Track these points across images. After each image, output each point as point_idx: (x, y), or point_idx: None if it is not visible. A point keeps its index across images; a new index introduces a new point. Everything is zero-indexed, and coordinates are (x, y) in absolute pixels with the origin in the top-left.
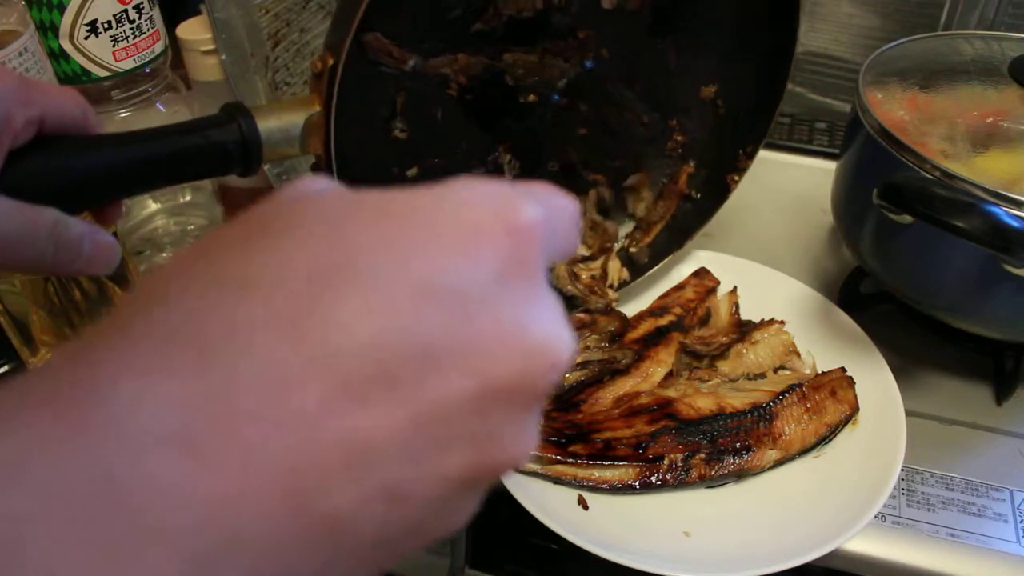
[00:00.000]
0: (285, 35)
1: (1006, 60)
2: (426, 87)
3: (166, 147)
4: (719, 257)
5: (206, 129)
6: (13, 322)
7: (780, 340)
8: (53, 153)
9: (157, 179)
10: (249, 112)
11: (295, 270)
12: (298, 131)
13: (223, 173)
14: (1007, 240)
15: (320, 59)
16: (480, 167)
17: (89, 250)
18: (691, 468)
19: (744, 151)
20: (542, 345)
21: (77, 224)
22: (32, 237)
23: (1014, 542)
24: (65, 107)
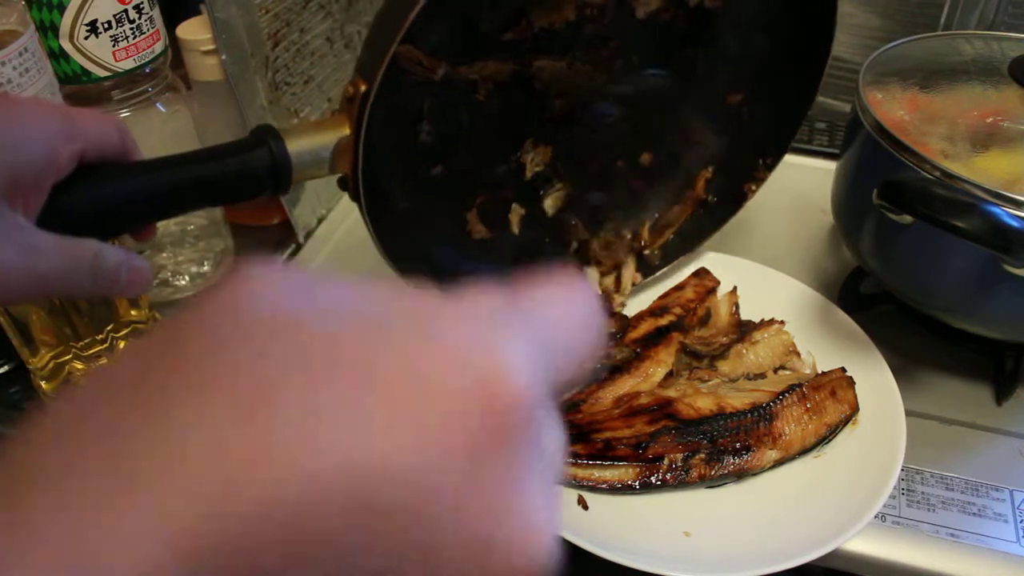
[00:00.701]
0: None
1: (1006, 60)
2: (454, 93)
3: (199, 173)
4: (719, 257)
5: (238, 154)
6: (13, 322)
7: (780, 340)
8: (93, 185)
9: (191, 204)
10: (279, 135)
11: (200, 444)
12: (328, 153)
13: (255, 196)
14: (1007, 240)
15: (352, 84)
16: (503, 165)
17: (125, 277)
18: (691, 468)
19: (764, 161)
20: (521, 547)
21: (114, 253)
22: (74, 273)
23: (1014, 542)
24: (107, 137)
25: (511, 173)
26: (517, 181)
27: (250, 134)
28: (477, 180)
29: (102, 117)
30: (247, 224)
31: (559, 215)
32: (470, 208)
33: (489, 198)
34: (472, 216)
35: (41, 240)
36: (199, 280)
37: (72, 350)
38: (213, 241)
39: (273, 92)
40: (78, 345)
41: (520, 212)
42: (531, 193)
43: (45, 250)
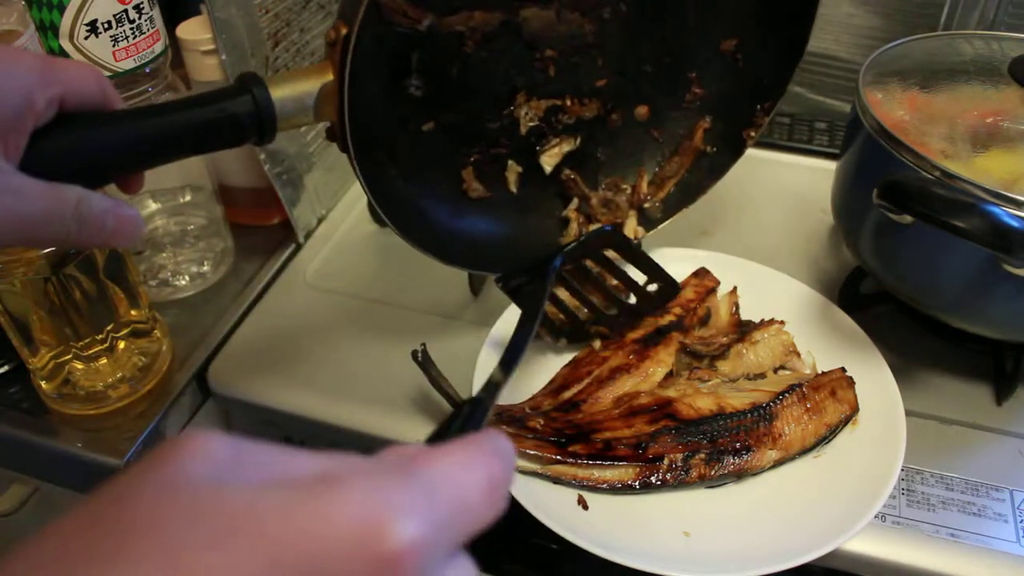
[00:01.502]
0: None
1: (1006, 60)
2: (442, 45)
3: (182, 120)
4: (719, 257)
5: (220, 101)
6: (13, 322)
7: (780, 340)
8: (74, 131)
9: (174, 152)
10: (263, 82)
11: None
12: (312, 100)
13: (239, 143)
14: (1007, 240)
15: (334, 28)
16: (495, 121)
17: (112, 224)
18: (691, 468)
19: (762, 107)
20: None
21: (100, 200)
22: (58, 216)
23: (1014, 542)
24: (85, 84)
25: (505, 128)
26: (512, 137)
27: (234, 80)
28: (470, 136)
29: (81, 65)
30: (247, 224)
31: (556, 171)
32: (465, 166)
33: (484, 155)
34: (468, 174)
35: (23, 182)
36: (199, 280)
37: (72, 350)
38: (213, 241)
39: None
40: (78, 345)
41: (517, 170)
42: (527, 149)
43: (27, 191)
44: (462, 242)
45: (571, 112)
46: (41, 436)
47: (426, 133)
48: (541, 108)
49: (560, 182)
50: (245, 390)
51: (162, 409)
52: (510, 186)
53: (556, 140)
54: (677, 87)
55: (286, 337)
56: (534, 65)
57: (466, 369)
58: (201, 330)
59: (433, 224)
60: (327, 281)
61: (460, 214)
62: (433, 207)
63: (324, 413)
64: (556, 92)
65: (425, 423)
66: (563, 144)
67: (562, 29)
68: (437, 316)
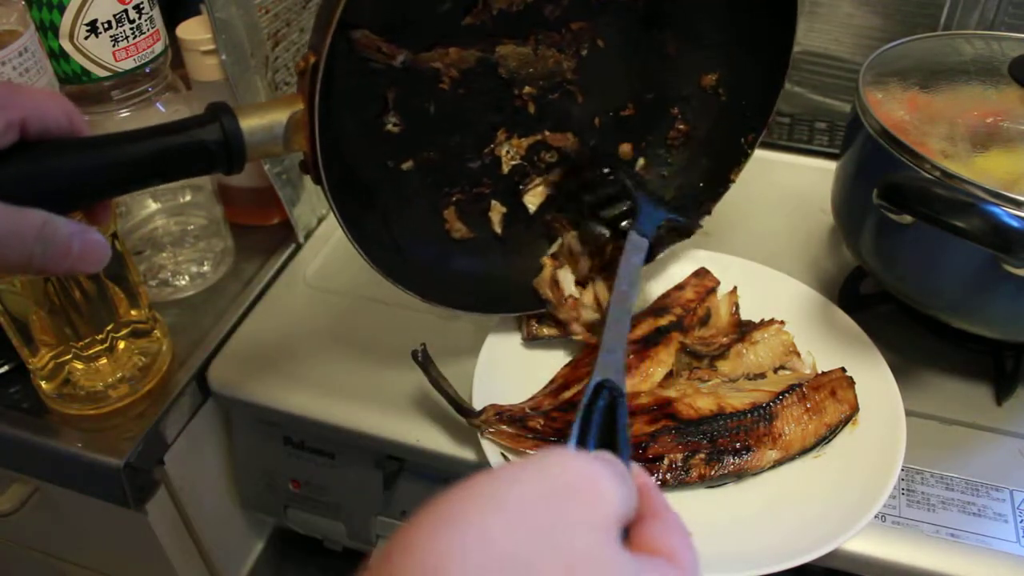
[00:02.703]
0: (285, 35)
1: (1006, 60)
2: (418, 81)
3: (148, 148)
4: (719, 257)
5: (188, 129)
6: (13, 322)
7: (780, 340)
8: (36, 157)
9: (141, 180)
10: (231, 111)
11: None
12: (282, 129)
13: (207, 172)
14: (1007, 240)
15: (304, 58)
16: (476, 160)
17: (79, 249)
18: (691, 468)
19: (745, 140)
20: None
21: (66, 224)
22: (19, 238)
23: (1014, 542)
24: (47, 111)
25: (486, 168)
26: (494, 176)
27: (205, 109)
28: (451, 175)
29: (46, 92)
30: (247, 224)
31: (541, 212)
32: (447, 205)
33: (466, 195)
34: (450, 214)
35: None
36: (199, 280)
37: (72, 350)
38: (213, 241)
39: (273, 92)
40: (78, 345)
41: (501, 210)
42: (511, 189)
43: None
44: (444, 282)
45: (550, 142)
46: (41, 436)
47: (406, 172)
48: (523, 147)
49: (545, 222)
50: (245, 390)
51: (162, 409)
52: (494, 226)
53: (539, 179)
54: (660, 124)
55: (286, 337)
56: (513, 103)
57: (466, 369)
58: (201, 330)
59: (414, 263)
60: (327, 281)
61: (443, 255)
62: (415, 247)
63: (324, 413)
64: (536, 129)
65: (425, 423)
66: (546, 183)
67: (540, 66)
68: (437, 316)
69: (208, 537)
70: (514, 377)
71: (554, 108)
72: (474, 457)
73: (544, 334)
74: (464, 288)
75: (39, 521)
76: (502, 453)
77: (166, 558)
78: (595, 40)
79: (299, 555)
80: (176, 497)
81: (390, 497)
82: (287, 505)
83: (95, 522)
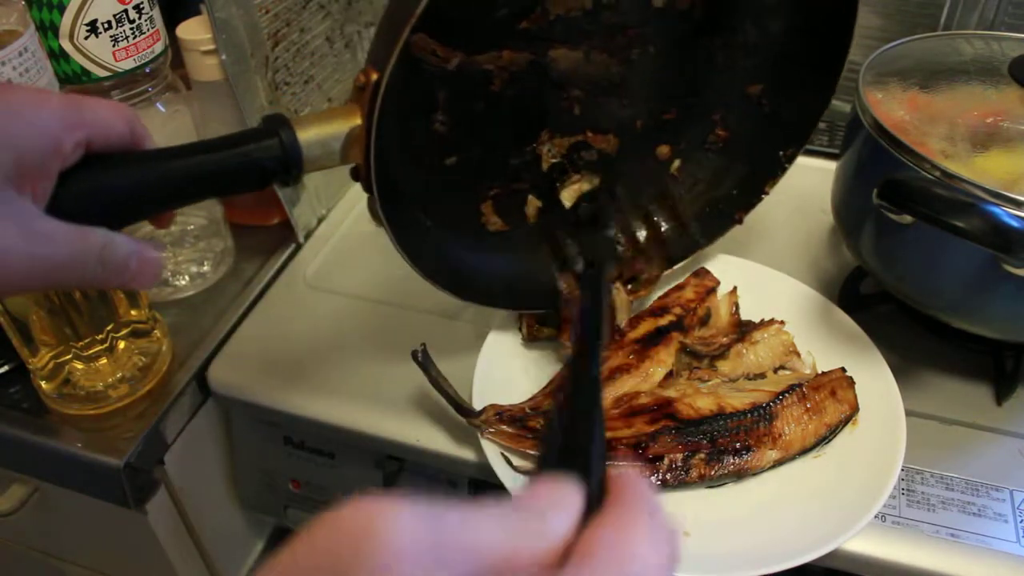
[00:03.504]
0: (285, 35)
1: (1006, 60)
2: (469, 83)
3: (208, 164)
4: (719, 257)
5: (247, 144)
6: (13, 322)
7: (780, 340)
8: (100, 173)
9: (200, 193)
10: (289, 124)
11: None
12: (339, 144)
13: (264, 186)
14: (1007, 240)
15: (364, 72)
16: (518, 158)
17: (135, 268)
18: (691, 468)
19: (784, 153)
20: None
21: (124, 243)
22: (82, 261)
23: (1014, 542)
24: (112, 125)
25: (526, 164)
26: (533, 172)
27: (261, 122)
28: (492, 171)
29: (109, 105)
30: (247, 224)
31: (576, 208)
32: (484, 200)
33: (504, 190)
34: (487, 207)
35: (50, 227)
36: (199, 280)
37: (72, 350)
38: (213, 241)
39: (273, 92)
40: (78, 345)
41: (536, 204)
42: (547, 184)
43: (54, 236)
44: (476, 277)
45: (592, 143)
46: (41, 436)
47: (448, 167)
48: (564, 145)
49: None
50: (245, 390)
51: (162, 409)
52: (529, 220)
53: (577, 176)
54: (700, 128)
55: (286, 337)
56: (560, 104)
57: (466, 369)
58: (201, 330)
59: (449, 258)
60: (327, 281)
61: (477, 248)
62: (451, 239)
63: (324, 413)
64: (579, 129)
65: (425, 423)
66: (583, 181)
67: (589, 70)
68: (437, 316)
69: (208, 537)
70: (514, 377)
71: (598, 110)
72: (474, 457)
73: (544, 334)
74: (497, 283)
75: (39, 521)
76: (502, 453)
77: (166, 558)
78: (647, 46)
79: None
80: (176, 497)
81: None
82: (287, 505)
83: (95, 522)
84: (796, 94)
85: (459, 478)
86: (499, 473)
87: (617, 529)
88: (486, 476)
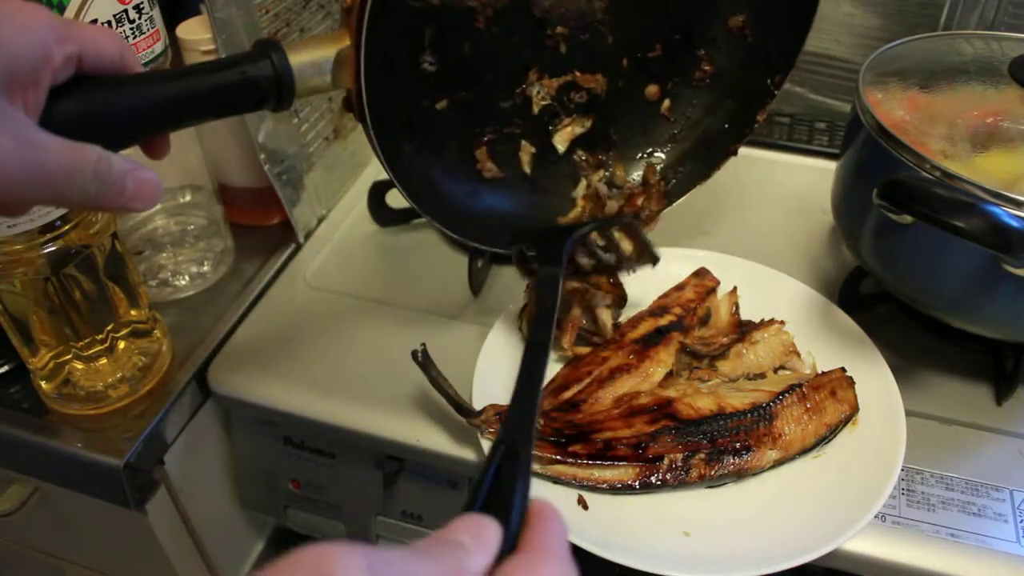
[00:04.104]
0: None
1: (1006, 60)
2: (454, 20)
3: (202, 84)
4: (719, 257)
5: (240, 65)
6: (13, 322)
7: (780, 340)
8: (92, 92)
9: (195, 115)
10: (281, 47)
11: None
12: (330, 65)
13: (257, 108)
14: (1007, 240)
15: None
16: (507, 100)
17: (132, 187)
18: (691, 468)
19: (772, 81)
20: None
21: (120, 161)
22: (77, 174)
23: (1014, 542)
24: (103, 46)
25: (517, 108)
26: (524, 116)
27: (253, 46)
28: (483, 115)
29: (101, 29)
30: (247, 224)
31: (570, 151)
32: (478, 145)
33: (497, 135)
34: (481, 153)
35: (44, 137)
36: (199, 280)
37: (72, 350)
38: (213, 241)
39: None
40: (78, 345)
41: (531, 150)
42: (540, 129)
43: (48, 146)
44: (477, 219)
45: (580, 83)
46: (41, 436)
47: (440, 111)
48: (553, 87)
49: (573, 162)
50: (245, 390)
51: (162, 409)
52: (523, 166)
53: (568, 119)
54: (686, 65)
55: (286, 337)
56: (544, 42)
57: (466, 369)
58: (201, 330)
59: (448, 200)
60: (327, 281)
61: (475, 193)
62: (448, 184)
63: (324, 413)
64: (566, 70)
65: (425, 423)
66: (576, 124)
67: (572, 5)
68: (437, 316)
69: (208, 537)
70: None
71: (584, 48)
72: (474, 457)
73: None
74: (497, 225)
75: (39, 521)
76: None
77: (166, 558)
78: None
79: None
80: (176, 497)
81: (390, 497)
82: (287, 505)
83: (95, 522)
84: (778, 21)
85: (459, 478)
86: None
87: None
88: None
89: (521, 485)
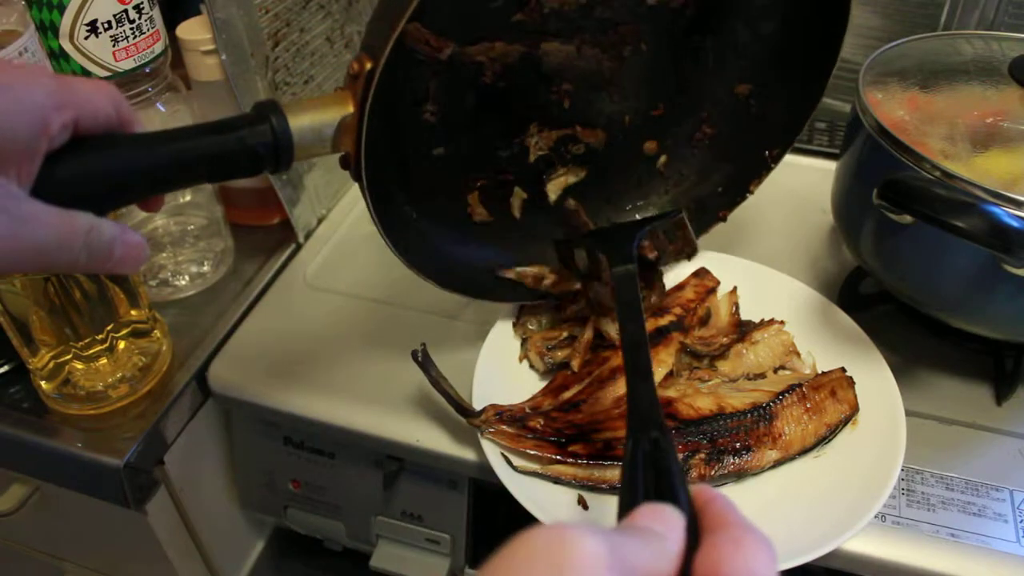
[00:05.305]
0: (285, 35)
1: (1006, 60)
2: (460, 74)
3: (198, 148)
4: (719, 257)
5: (238, 129)
6: (13, 322)
7: (780, 340)
8: (87, 155)
9: (188, 179)
10: (282, 111)
11: None
12: (331, 131)
13: (254, 173)
14: (1007, 240)
15: (357, 60)
16: (506, 150)
17: (120, 253)
18: (691, 468)
19: (770, 153)
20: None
21: (109, 228)
22: (68, 245)
23: (1014, 542)
24: (99, 105)
25: (514, 156)
26: (520, 165)
27: (252, 108)
28: (479, 162)
29: (96, 84)
30: (247, 224)
31: (561, 201)
32: (471, 191)
33: (491, 181)
34: (473, 198)
35: (35, 210)
36: (199, 280)
37: (72, 350)
38: (213, 241)
39: (273, 92)
40: (78, 345)
41: (522, 196)
42: (534, 177)
43: (38, 220)
44: (462, 269)
45: (580, 137)
46: (41, 436)
47: (436, 157)
48: (552, 138)
49: (562, 210)
50: (245, 390)
51: (162, 409)
52: (514, 211)
53: (563, 170)
54: (688, 125)
55: (286, 337)
56: (550, 97)
57: (466, 369)
58: (201, 330)
59: (435, 249)
60: (327, 281)
61: (463, 239)
62: (437, 231)
63: (324, 413)
64: (568, 123)
65: (425, 423)
66: (569, 174)
67: (581, 64)
68: (437, 316)
69: (208, 537)
70: (514, 377)
71: (588, 104)
72: (474, 457)
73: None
74: (479, 274)
75: (39, 521)
76: (502, 453)
77: (166, 558)
78: (639, 43)
79: (299, 555)
80: (176, 497)
81: (390, 497)
82: (287, 505)
83: (95, 522)
84: (784, 95)
85: (459, 478)
86: (499, 473)
87: (736, 547)
88: (486, 476)
89: (677, 469)
